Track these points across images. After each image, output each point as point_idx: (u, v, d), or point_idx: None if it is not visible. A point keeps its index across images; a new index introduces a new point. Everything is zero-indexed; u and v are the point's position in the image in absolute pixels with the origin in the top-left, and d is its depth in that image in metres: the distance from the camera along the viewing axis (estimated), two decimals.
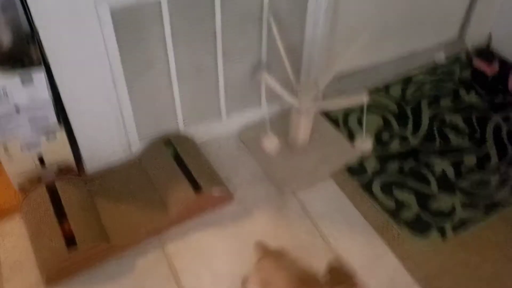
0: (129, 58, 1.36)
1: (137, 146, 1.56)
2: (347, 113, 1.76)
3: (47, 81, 1.30)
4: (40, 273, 1.30)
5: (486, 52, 1.95)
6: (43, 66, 1.27)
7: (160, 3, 1.29)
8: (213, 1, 1.36)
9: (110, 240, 1.34)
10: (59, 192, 1.41)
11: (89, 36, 1.26)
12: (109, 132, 1.49)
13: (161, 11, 1.31)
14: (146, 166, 1.54)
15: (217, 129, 1.67)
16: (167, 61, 1.41)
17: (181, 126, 1.60)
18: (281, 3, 1.46)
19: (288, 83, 1.53)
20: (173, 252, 1.37)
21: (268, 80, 1.44)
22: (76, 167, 1.53)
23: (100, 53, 1.30)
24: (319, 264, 1.33)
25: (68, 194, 1.41)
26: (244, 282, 1.07)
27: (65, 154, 1.48)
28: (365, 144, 1.53)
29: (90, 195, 1.45)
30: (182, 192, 1.42)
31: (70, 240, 1.30)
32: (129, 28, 1.30)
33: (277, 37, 1.45)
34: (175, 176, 1.46)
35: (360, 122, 1.73)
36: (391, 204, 1.48)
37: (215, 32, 1.42)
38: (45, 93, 1.31)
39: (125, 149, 1.55)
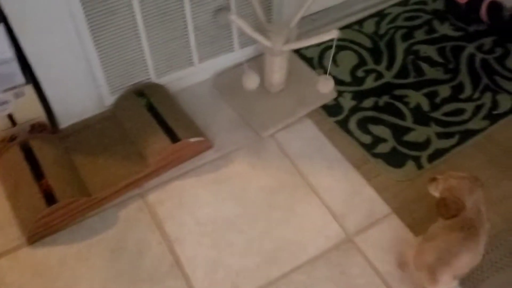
0: (91, 6, 1.30)
1: (109, 99, 1.54)
2: (322, 52, 1.74)
3: (8, 37, 1.25)
4: (22, 231, 1.30)
5: None
6: (2, 22, 1.22)
7: None
8: None
9: (91, 194, 1.34)
10: (34, 150, 1.39)
11: None
12: (79, 87, 1.46)
13: None
14: (120, 118, 1.52)
15: (190, 77, 1.64)
16: (132, 6, 1.36)
17: (153, 76, 1.57)
18: None
19: (260, 25, 1.50)
20: (155, 202, 1.38)
21: (237, 21, 1.40)
22: (49, 124, 1.50)
23: (60, 3, 1.25)
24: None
25: (44, 152, 1.39)
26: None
27: (36, 111, 1.45)
28: (326, 85, 1.48)
29: (66, 152, 1.44)
30: (159, 142, 1.41)
31: (49, 197, 1.29)
32: None
33: None
34: (150, 127, 1.45)
35: (334, 60, 1.71)
36: (367, 139, 1.50)
37: None
38: (6, 49, 1.26)
39: (97, 103, 1.52)
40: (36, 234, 1.29)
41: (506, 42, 1.77)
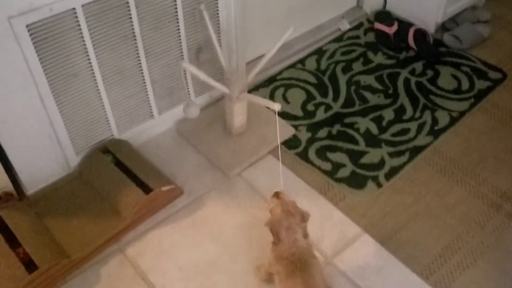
0: (53, 71, 1.35)
1: (75, 160, 1.55)
2: (272, 92, 1.86)
3: None
4: None
5: (384, 15, 2.13)
6: None
7: (75, 10, 1.29)
8: (127, 2, 1.38)
9: (70, 255, 1.34)
10: (5, 220, 1.38)
11: (7, 54, 1.24)
12: (45, 151, 1.47)
13: (77, 19, 1.31)
14: (88, 178, 1.54)
15: (152, 129, 1.69)
16: (91, 68, 1.42)
17: (115, 132, 1.60)
18: None
19: (215, 73, 1.59)
20: (135, 254, 1.39)
21: (194, 71, 1.48)
22: (15, 192, 1.49)
23: (22, 70, 1.28)
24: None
25: (15, 220, 1.38)
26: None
27: (1, 180, 1.44)
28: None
29: (38, 217, 1.43)
30: (131, 195, 1.44)
31: (29, 264, 1.28)
32: (49, 41, 1.29)
33: (209, 25, 1.50)
34: (121, 182, 1.48)
35: (284, 97, 1.83)
36: (327, 166, 1.60)
37: (134, 33, 1.45)
38: None
39: (63, 165, 1.53)
40: None
41: (434, 64, 1.97)
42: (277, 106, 1.38)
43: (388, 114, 1.78)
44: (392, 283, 1.31)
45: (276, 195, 1.26)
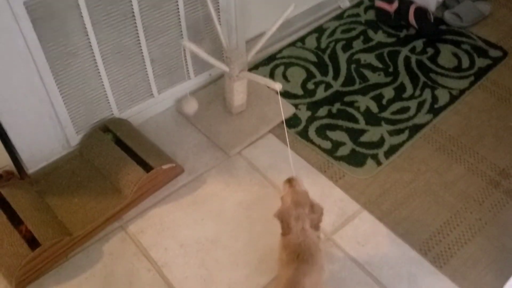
0: (52, 50, 1.34)
1: (75, 139, 1.56)
2: (272, 70, 1.85)
3: None
4: (7, 281, 1.29)
5: None
6: None
7: None
8: None
9: (71, 233, 1.35)
10: (7, 198, 1.39)
11: (6, 33, 1.23)
12: (45, 130, 1.47)
13: None
14: (88, 156, 1.54)
15: (151, 108, 1.69)
16: (90, 47, 1.41)
17: (115, 111, 1.61)
18: None
19: (215, 52, 1.58)
20: (137, 231, 1.41)
21: (194, 48, 1.48)
22: (16, 171, 1.50)
23: (21, 49, 1.28)
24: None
25: (17, 198, 1.39)
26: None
27: (2, 159, 1.45)
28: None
29: (39, 196, 1.44)
30: (132, 173, 1.45)
31: (31, 242, 1.30)
32: (48, 19, 1.29)
33: (209, 3, 1.49)
34: (122, 160, 1.49)
35: (284, 76, 1.83)
36: (327, 145, 1.61)
37: (133, 12, 1.44)
38: None
39: (63, 144, 1.54)
40: (23, 281, 1.28)
41: (435, 42, 1.96)
42: (278, 86, 1.37)
43: (388, 93, 1.77)
44: (391, 258, 1.33)
45: (290, 182, 1.24)
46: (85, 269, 1.33)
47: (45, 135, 1.48)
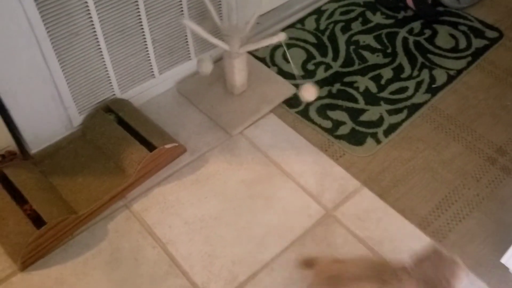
0: (55, 29, 1.34)
1: (78, 119, 1.57)
2: (272, 52, 1.86)
3: None
4: (12, 259, 1.30)
5: None
6: None
7: None
8: None
9: (76, 212, 1.37)
10: (11, 178, 1.40)
11: (10, 13, 1.23)
12: (48, 111, 1.48)
13: None
14: (91, 136, 1.55)
15: (153, 88, 1.70)
16: (93, 27, 1.41)
17: (117, 92, 1.61)
18: None
19: (215, 31, 1.59)
20: (141, 209, 1.42)
21: (194, 27, 1.48)
22: (19, 151, 1.51)
23: (24, 29, 1.28)
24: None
25: (21, 178, 1.40)
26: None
27: (5, 139, 1.45)
28: (309, 93, 1.57)
29: (43, 175, 1.45)
30: (136, 153, 1.46)
31: (37, 220, 1.31)
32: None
33: None
34: (125, 140, 1.50)
35: (285, 58, 1.84)
36: (328, 124, 1.63)
37: None
38: None
39: (66, 124, 1.55)
40: (29, 259, 1.30)
41: (432, 23, 1.97)
42: (282, 36, 1.38)
43: (387, 73, 1.79)
44: (391, 233, 1.36)
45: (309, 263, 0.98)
46: (90, 246, 1.35)
47: (47, 115, 1.49)
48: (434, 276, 0.90)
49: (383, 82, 1.76)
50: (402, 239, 1.35)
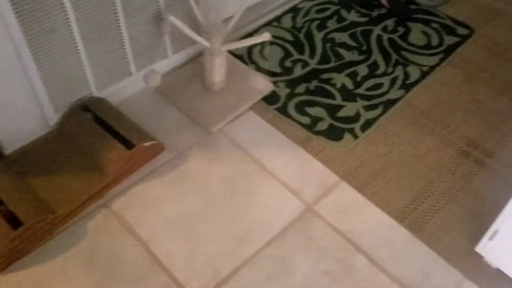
0: (30, 27, 1.32)
1: (54, 118, 1.54)
2: (249, 49, 1.87)
3: None
4: None
5: None
6: None
7: None
8: None
9: (55, 212, 1.35)
10: None
11: None
12: (23, 110, 1.45)
13: None
14: (68, 135, 1.53)
15: (130, 87, 1.69)
16: (69, 24, 1.40)
17: (94, 90, 1.60)
18: None
19: (195, 27, 1.59)
20: (121, 208, 1.41)
21: (177, 23, 1.48)
22: None
23: None
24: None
25: None
26: None
27: None
28: (259, 80, 1.62)
29: (19, 176, 1.42)
30: (114, 151, 1.45)
31: (13, 222, 1.28)
32: None
33: None
34: (103, 138, 1.48)
35: (262, 55, 1.85)
36: (306, 120, 1.65)
37: None
38: None
39: (42, 124, 1.52)
40: (6, 260, 1.28)
41: (405, 21, 2.02)
42: (266, 36, 1.39)
43: (362, 70, 1.82)
44: (370, 226, 1.39)
45: None
46: (70, 246, 1.33)
47: (22, 114, 1.46)
48: None
49: (359, 78, 1.79)
50: (381, 232, 1.38)
